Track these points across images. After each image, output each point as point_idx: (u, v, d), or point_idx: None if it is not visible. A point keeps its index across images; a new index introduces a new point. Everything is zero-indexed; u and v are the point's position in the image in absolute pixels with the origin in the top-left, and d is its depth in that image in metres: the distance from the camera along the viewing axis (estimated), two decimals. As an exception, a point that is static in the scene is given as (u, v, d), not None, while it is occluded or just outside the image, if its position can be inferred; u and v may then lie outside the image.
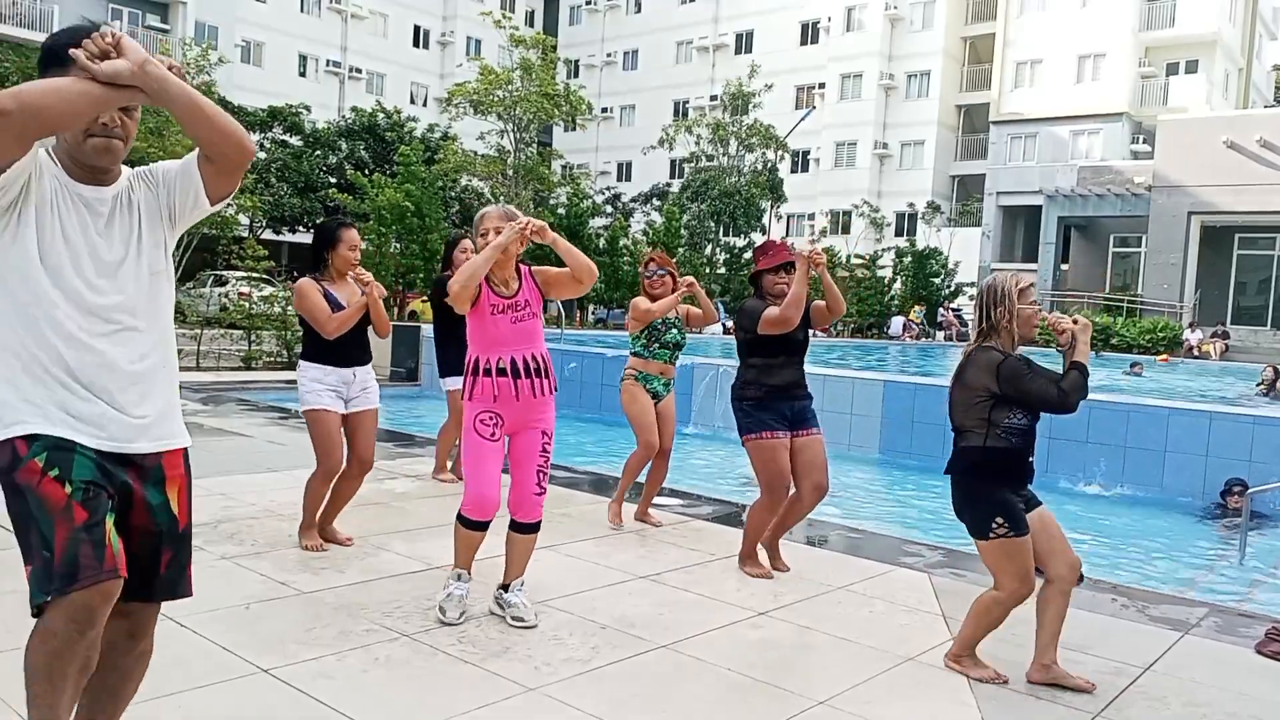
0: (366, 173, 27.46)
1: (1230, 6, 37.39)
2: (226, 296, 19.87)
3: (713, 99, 42.33)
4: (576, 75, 49.60)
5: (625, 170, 50.03)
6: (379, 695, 3.15)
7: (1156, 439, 7.89)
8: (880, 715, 3.24)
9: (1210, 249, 30.42)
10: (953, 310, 33.60)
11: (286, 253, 34.86)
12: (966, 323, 32.50)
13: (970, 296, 34.79)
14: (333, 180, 30.86)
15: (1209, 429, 7.72)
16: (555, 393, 3.94)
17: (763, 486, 4.77)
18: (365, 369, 4.92)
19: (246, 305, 15.39)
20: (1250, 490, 6.73)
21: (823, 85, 44.54)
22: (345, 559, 4.67)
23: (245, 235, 22.05)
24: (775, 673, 3.56)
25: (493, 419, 3.79)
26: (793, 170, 42.53)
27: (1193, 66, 36.88)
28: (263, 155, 31.66)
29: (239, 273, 19.66)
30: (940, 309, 33.93)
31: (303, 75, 43.55)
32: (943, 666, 3.68)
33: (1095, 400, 8.32)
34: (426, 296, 18.25)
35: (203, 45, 27.95)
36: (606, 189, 43.44)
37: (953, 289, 35.27)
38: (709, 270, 33.72)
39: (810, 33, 45.63)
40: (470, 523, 3.80)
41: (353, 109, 35.86)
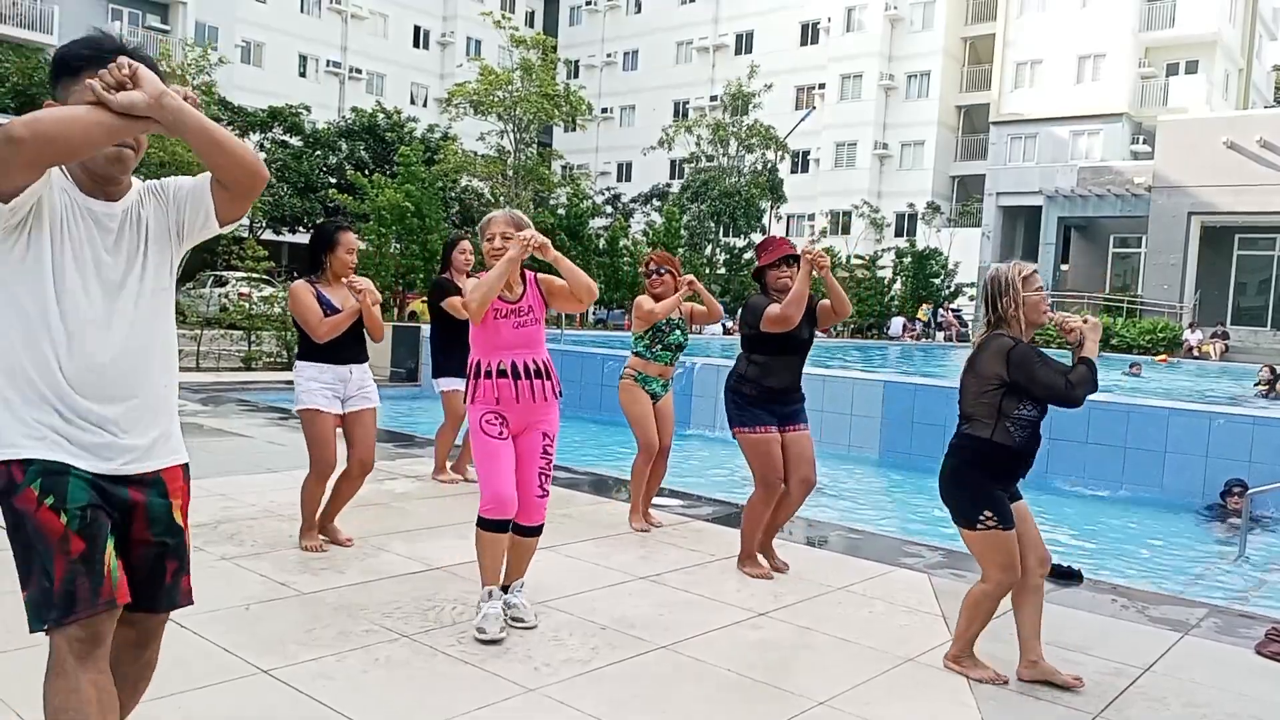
0: (366, 173, 27.47)
1: (1230, 7, 37.40)
2: (226, 297, 19.88)
3: (713, 99, 42.36)
4: (576, 76, 49.63)
5: (625, 171, 50.04)
6: (379, 696, 3.15)
7: (1156, 439, 7.89)
8: (880, 716, 3.24)
9: (1210, 249, 30.43)
10: (952, 311, 33.61)
11: (286, 253, 34.88)
12: (967, 323, 32.54)
13: (970, 297, 34.85)
14: (333, 181, 30.86)
15: (1209, 429, 7.72)
16: (560, 396, 3.95)
17: (756, 479, 4.83)
18: (362, 367, 4.91)
19: (246, 306, 15.40)
20: (1250, 491, 6.73)
21: (823, 86, 44.57)
22: (345, 560, 4.67)
23: (245, 236, 22.10)
24: (775, 673, 3.56)
25: (498, 419, 3.80)
26: (793, 171, 42.56)
27: (1193, 67, 36.89)
28: (263, 155, 31.65)
29: (239, 273, 19.67)
30: (940, 309, 33.95)
31: (303, 75, 43.58)
32: (942, 667, 3.68)
33: (1095, 400, 8.31)
34: (426, 297, 18.23)
35: (203, 46, 27.96)
36: (606, 189, 43.44)
37: (952, 289, 35.28)
38: (709, 271, 33.72)
39: (810, 33, 45.66)
40: (491, 523, 3.75)
41: (353, 109, 35.87)
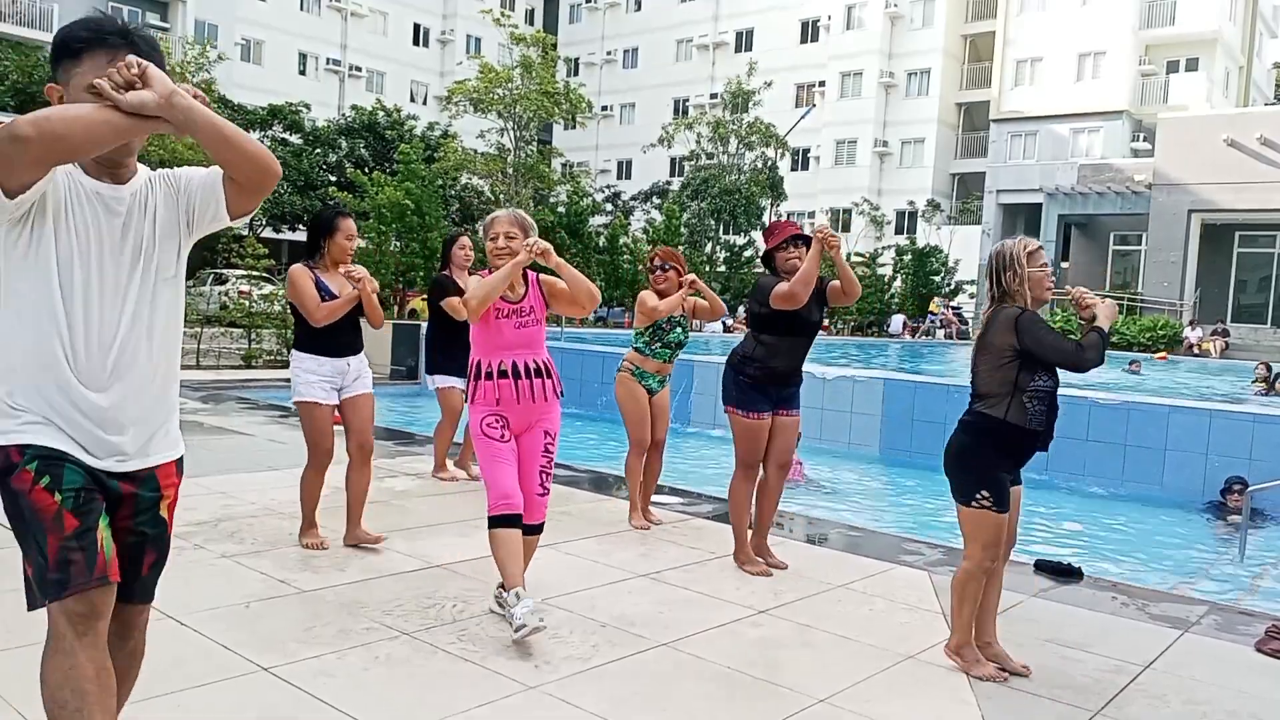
0: (366, 171, 27.44)
1: (1230, 4, 37.35)
2: (226, 295, 19.88)
3: (713, 97, 42.34)
4: (576, 73, 49.59)
5: (625, 168, 50.01)
6: (379, 693, 3.15)
7: (1156, 437, 7.89)
8: (880, 713, 3.24)
9: (1210, 247, 30.42)
10: (952, 308, 33.60)
11: (286, 251, 34.86)
12: (967, 320, 32.53)
13: (971, 295, 34.86)
14: (333, 178, 30.85)
15: (1209, 427, 7.72)
16: (561, 396, 3.95)
17: (739, 458, 4.91)
18: (359, 358, 4.93)
19: (246, 304, 15.38)
20: (1250, 488, 6.72)
21: (823, 83, 44.53)
22: (345, 557, 4.67)
23: (245, 234, 22.08)
24: (775, 671, 3.56)
25: (499, 420, 3.80)
26: (793, 168, 42.53)
27: (1193, 64, 36.85)
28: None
29: (239, 271, 19.69)
30: (930, 304, 33.92)
31: (303, 73, 43.58)
32: (942, 664, 3.68)
33: (1095, 398, 8.33)
34: (426, 295, 18.23)
35: (202, 44, 27.94)
36: (606, 187, 43.41)
37: (952, 287, 35.27)
38: (709, 268, 33.71)
39: (810, 31, 45.62)
40: (502, 519, 3.74)
41: (353, 107, 35.83)
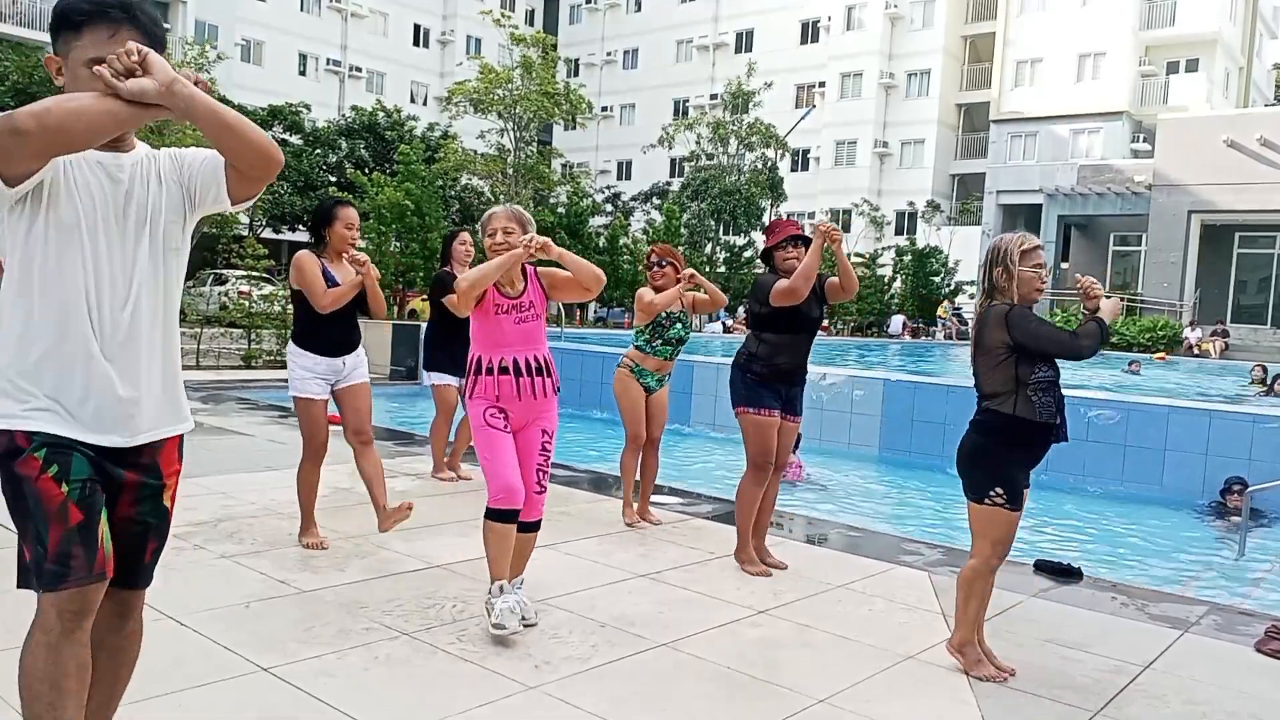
0: (366, 171, 27.45)
1: (1230, 5, 37.36)
2: (226, 295, 19.87)
3: (713, 98, 42.32)
4: (576, 74, 49.58)
5: (625, 169, 50.00)
6: (379, 693, 3.15)
7: (1156, 438, 7.89)
8: (880, 713, 3.24)
9: (1210, 248, 30.42)
10: (952, 309, 33.61)
11: (286, 251, 34.81)
12: (966, 321, 32.54)
13: (970, 295, 34.87)
14: (333, 179, 30.84)
15: (1208, 428, 7.72)
16: (558, 392, 3.95)
17: (750, 459, 4.86)
18: (355, 354, 4.93)
19: (246, 304, 15.38)
20: (1250, 489, 6.73)
21: (823, 84, 44.52)
22: (345, 558, 4.67)
23: (245, 234, 22.08)
24: (775, 671, 3.56)
25: (500, 413, 3.81)
26: (793, 169, 42.50)
27: (1193, 65, 36.85)
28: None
29: (239, 271, 19.68)
30: (939, 309, 33.94)
31: (303, 74, 43.56)
32: (942, 664, 3.68)
33: (1095, 399, 8.34)
34: (426, 295, 18.23)
35: (201, 44, 27.91)
36: (606, 188, 43.38)
37: (952, 288, 35.27)
38: (709, 269, 33.70)
39: (810, 31, 45.62)
40: (501, 514, 3.74)
41: (353, 108, 35.82)
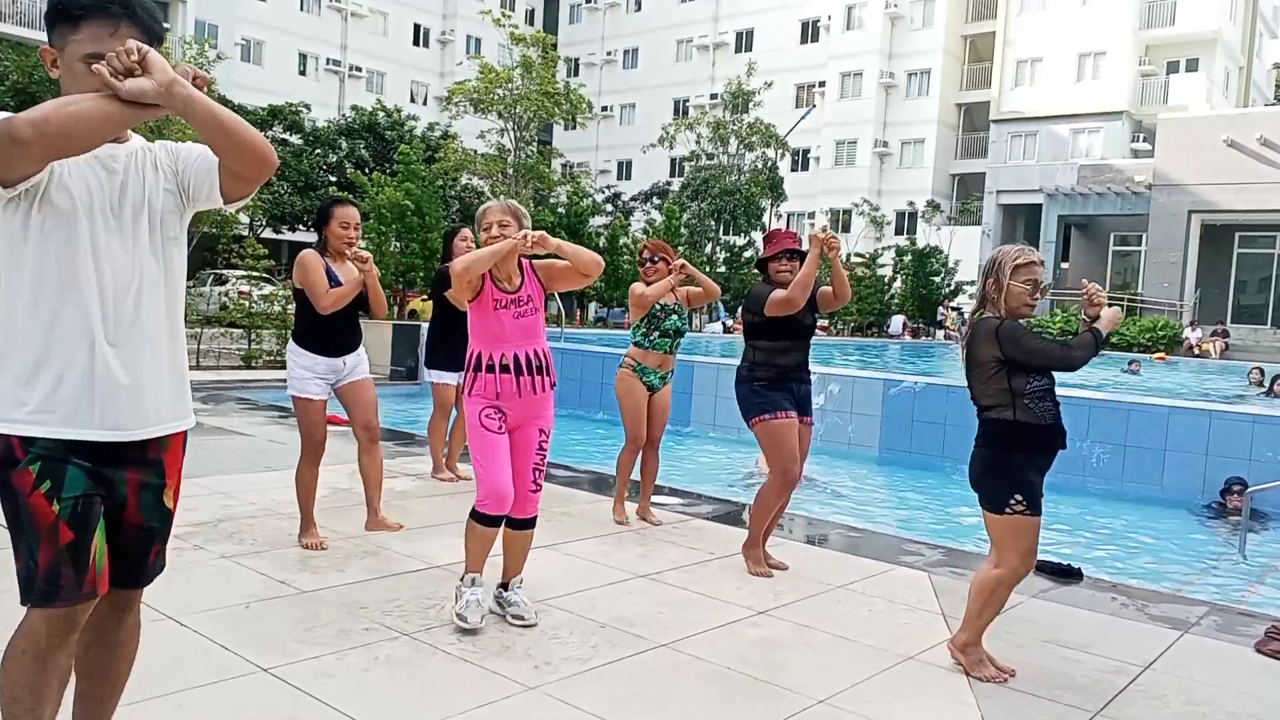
0: (366, 171, 27.44)
1: (1230, 5, 37.35)
2: (226, 295, 19.87)
3: (713, 97, 42.31)
4: (576, 74, 49.58)
5: (625, 169, 50.00)
6: (379, 694, 3.15)
7: (1156, 438, 7.89)
8: (880, 714, 3.24)
9: (1210, 247, 30.42)
10: (952, 309, 33.61)
11: (286, 251, 34.80)
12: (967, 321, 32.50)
13: (970, 295, 34.85)
14: (333, 179, 30.85)
15: (1209, 428, 7.72)
16: (554, 388, 3.95)
17: (775, 469, 4.77)
18: (356, 354, 4.93)
19: (246, 304, 15.38)
20: (1250, 489, 6.73)
21: (823, 84, 44.52)
22: (345, 558, 4.67)
23: (245, 234, 22.08)
24: (775, 671, 3.56)
25: (497, 413, 3.80)
26: (793, 169, 42.51)
27: (1193, 65, 36.85)
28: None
29: (239, 271, 19.68)
30: (940, 307, 33.94)
31: (303, 74, 43.56)
32: (942, 665, 3.68)
33: (1095, 399, 8.34)
34: (426, 294, 18.25)
35: (200, 43, 27.89)
36: (606, 188, 43.39)
37: (952, 288, 35.27)
38: (709, 269, 33.70)
39: (810, 31, 45.61)
40: (486, 518, 3.76)
41: (353, 107, 35.82)
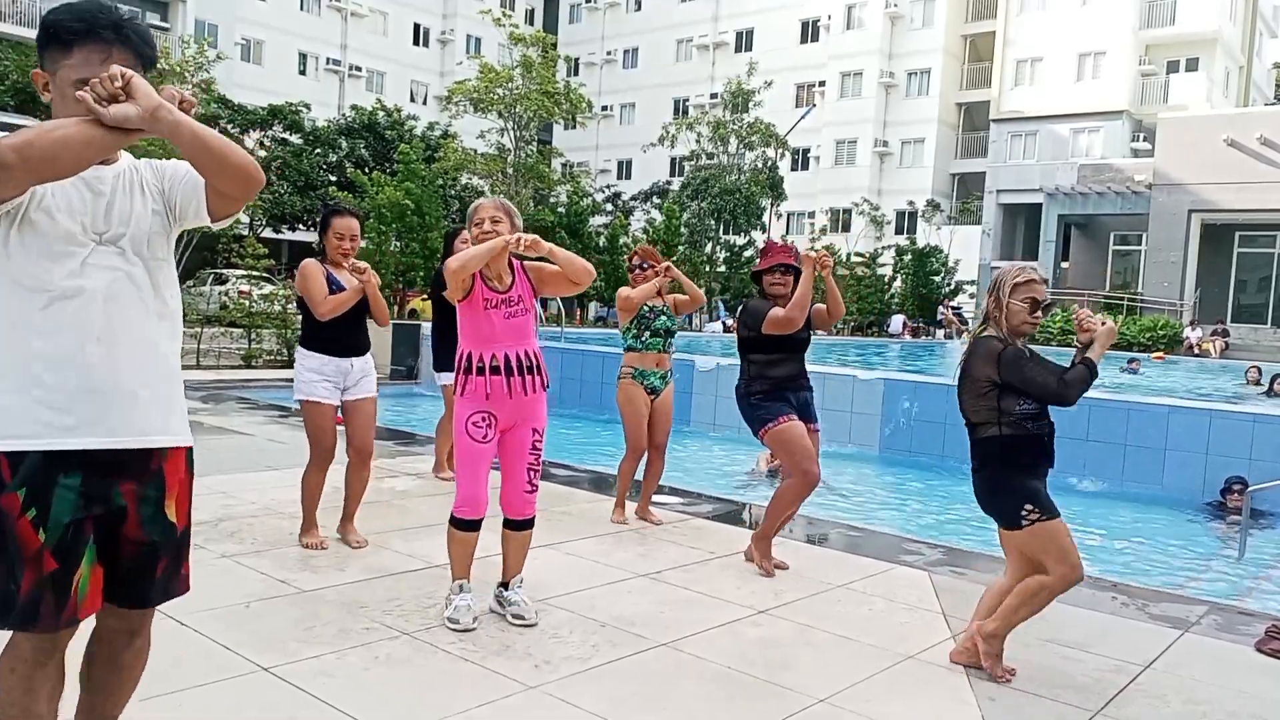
0: (366, 171, 27.46)
1: (1230, 4, 37.35)
2: (226, 295, 19.89)
3: (713, 97, 42.30)
4: (576, 73, 49.53)
5: (625, 168, 49.99)
6: (379, 693, 3.15)
7: (1156, 437, 7.88)
8: (880, 713, 3.24)
9: (1210, 247, 30.41)
10: (952, 308, 33.62)
11: (286, 251, 34.82)
12: (967, 320, 32.55)
13: (970, 294, 34.90)
14: (333, 178, 30.86)
15: (1209, 427, 7.72)
16: (547, 389, 3.93)
17: (795, 471, 4.76)
18: (363, 358, 4.93)
19: (246, 304, 15.39)
20: (1250, 488, 6.73)
21: (823, 83, 44.52)
22: (345, 557, 4.67)
23: (245, 234, 22.09)
24: (775, 671, 3.56)
25: (486, 420, 3.78)
26: (793, 168, 42.50)
27: (1193, 64, 36.85)
28: (263, 154, 31.70)
29: (239, 271, 19.69)
30: (940, 307, 33.94)
31: (303, 73, 43.55)
32: (942, 664, 3.68)
33: (1095, 399, 8.32)
34: (426, 294, 18.25)
35: (200, 42, 27.88)
36: (606, 187, 43.39)
37: (953, 287, 35.27)
38: (709, 268, 33.71)
39: (810, 31, 45.61)
40: (463, 523, 3.80)
41: (353, 107, 35.83)
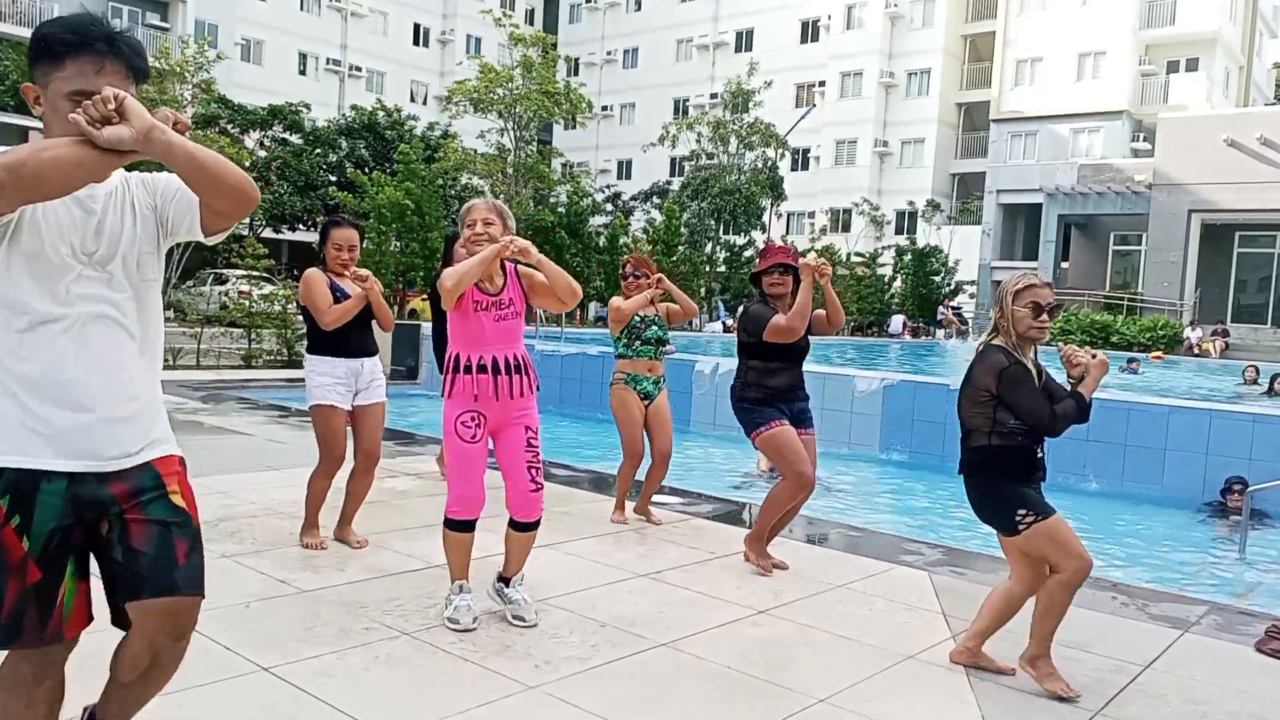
0: (366, 171, 27.46)
1: (1230, 4, 37.36)
2: (226, 295, 19.89)
3: (713, 97, 42.32)
4: (576, 73, 49.54)
5: (625, 168, 50.00)
6: (379, 693, 3.15)
7: (1156, 437, 7.88)
8: (880, 713, 3.24)
9: (1210, 247, 30.41)
10: (952, 308, 33.62)
11: (286, 251, 34.85)
12: (967, 320, 32.56)
13: (970, 295, 34.89)
14: (333, 178, 30.87)
15: (1209, 427, 7.71)
16: (537, 390, 3.91)
17: (788, 473, 4.76)
18: (373, 360, 4.94)
19: (246, 304, 15.39)
20: (1250, 488, 6.73)
21: (823, 83, 44.53)
22: (346, 557, 4.67)
23: (245, 234, 22.08)
24: (775, 671, 3.56)
25: (474, 419, 3.77)
26: (793, 168, 42.52)
27: (1193, 64, 36.86)
28: (263, 154, 31.71)
29: (239, 271, 19.70)
30: (940, 307, 33.94)
31: (303, 73, 43.56)
32: (942, 664, 3.68)
33: (1095, 399, 8.30)
34: (426, 294, 18.24)
35: (199, 42, 27.87)
36: (606, 187, 43.41)
37: (953, 287, 35.26)
38: (709, 268, 33.71)
39: (810, 31, 45.63)
40: (457, 524, 3.78)
41: (353, 107, 35.84)
